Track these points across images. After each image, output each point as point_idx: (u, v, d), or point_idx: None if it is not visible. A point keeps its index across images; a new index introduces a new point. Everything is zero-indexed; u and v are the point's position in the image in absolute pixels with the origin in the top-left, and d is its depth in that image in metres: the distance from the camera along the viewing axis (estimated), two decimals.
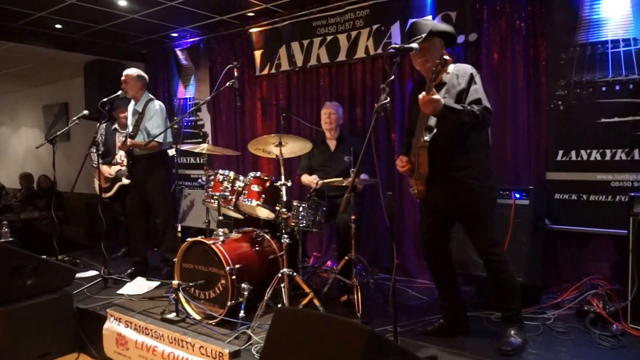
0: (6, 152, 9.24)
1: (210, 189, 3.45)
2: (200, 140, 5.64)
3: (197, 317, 3.10)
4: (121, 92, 4.03)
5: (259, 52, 5.03)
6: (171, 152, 4.10)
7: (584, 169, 3.27)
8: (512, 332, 2.57)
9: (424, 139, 2.51)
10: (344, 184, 3.46)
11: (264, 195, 3.27)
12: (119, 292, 3.75)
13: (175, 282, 3.08)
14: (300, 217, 3.32)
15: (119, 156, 4.26)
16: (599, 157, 3.22)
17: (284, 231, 3.12)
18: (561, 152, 3.36)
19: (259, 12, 4.81)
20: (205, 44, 5.52)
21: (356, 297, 3.13)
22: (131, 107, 4.21)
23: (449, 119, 2.42)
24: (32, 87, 8.13)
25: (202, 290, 3.16)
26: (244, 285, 2.99)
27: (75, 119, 4.16)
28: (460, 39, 3.76)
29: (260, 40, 4.99)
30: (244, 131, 5.31)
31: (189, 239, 3.23)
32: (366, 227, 4.29)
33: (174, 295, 3.10)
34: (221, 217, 3.47)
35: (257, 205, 3.27)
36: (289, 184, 3.21)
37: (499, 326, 2.90)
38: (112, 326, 3.22)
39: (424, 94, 2.34)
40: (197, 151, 3.60)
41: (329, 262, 4.39)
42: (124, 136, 4.14)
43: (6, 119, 9.21)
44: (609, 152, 3.18)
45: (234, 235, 3.39)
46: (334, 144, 4.00)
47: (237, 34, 5.21)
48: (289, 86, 4.92)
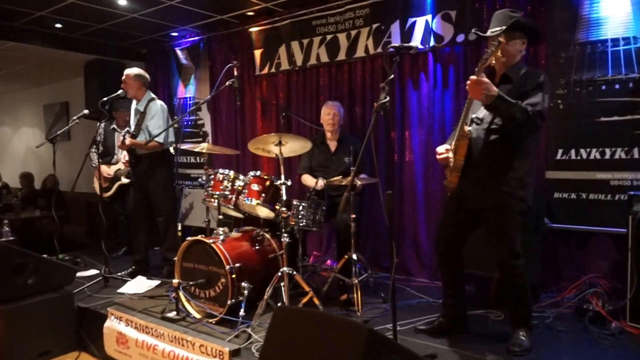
0: (7, 152, 9.23)
1: (210, 188, 3.45)
2: (200, 139, 5.64)
3: (198, 316, 3.11)
4: (121, 91, 4.04)
5: (258, 52, 5.03)
6: (170, 150, 4.12)
7: (584, 168, 3.27)
8: (521, 333, 2.55)
9: (467, 128, 2.43)
10: (343, 183, 3.46)
11: (264, 194, 3.27)
12: (120, 291, 3.76)
13: (175, 281, 3.09)
14: (300, 216, 3.33)
15: (123, 155, 4.26)
16: (598, 156, 3.22)
17: (283, 230, 3.12)
18: (561, 150, 3.36)
19: (258, 12, 4.81)
20: (205, 43, 5.52)
21: (356, 296, 3.14)
22: (134, 107, 4.23)
23: (501, 109, 2.32)
24: (33, 86, 8.12)
25: (202, 289, 3.17)
26: (244, 284, 3.00)
27: (75, 118, 4.17)
28: (460, 38, 3.78)
29: (260, 39, 4.99)
30: (243, 130, 5.31)
31: (189, 238, 3.23)
32: (366, 226, 4.30)
33: (174, 294, 3.11)
34: (221, 216, 3.46)
35: (257, 204, 3.27)
36: (289, 183, 3.21)
37: (498, 325, 2.91)
38: (113, 325, 3.23)
39: (473, 76, 2.27)
40: (197, 150, 3.60)
41: (328, 261, 4.39)
42: (123, 135, 4.14)
43: (7, 118, 9.21)
44: (608, 151, 3.18)
45: (234, 234, 3.40)
46: (334, 145, 3.99)
47: (237, 33, 5.21)
48: (288, 85, 4.92)
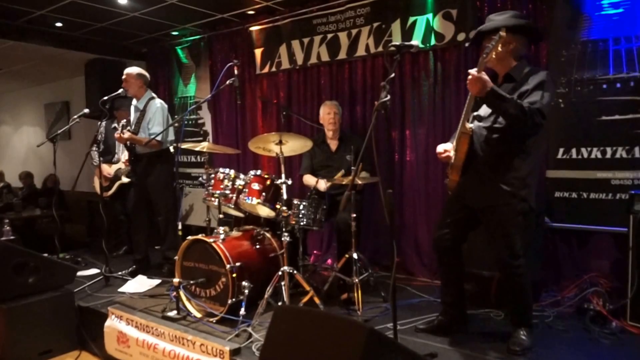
0: (7, 151, 9.24)
1: (210, 187, 3.45)
2: (200, 138, 5.64)
3: (198, 315, 3.11)
4: (122, 90, 4.04)
5: (259, 50, 5.03)
6: (170, 149, 4.12)
7: (585, 167, 3.26)
8: (521, 333, 2.55)
9: (468, 125, 2.42)
10: (344, 182, 3.46)
11: (264, 193, 3.27)
12: (120, 290, 3.76)
13: (176, 280, 3.08)
14: (300, 215, 3.32)
15: (124, 155, 4.27)
16: (599, 155, 3.21)
17: (284, 229, 3.12)
18: (561, 149, 3.35)
19: (259, 10, 4.80)
20: (205, 42, 5.51)
21: (356, 295, 3.14)
22: (133, 105, 4.23)
23: (494, 104, 2.32)
24: (33, 85, 8.12)
25: (202, 288, 3.17)
26: (244, 283, 3.00)
27: (76, 117, 4.17)
28: (461, 37, 3.76)
29: (260, 38, 4.99)
30: (244, 129, 5.31)
31: (190, 237, 3.23)
32: (366, 225, 4.28)
33: (174, 293, 3.11)
34: (222, 215, 3.47)
35: (258, 203, 3.27)
36: (290, 182, 3.20)
37: (497, 324, 2.91)
38: (113, 324, 3.23)
39: (473, 70, 2.26)
40: (197, 149, 3.61)
41: (329, 260, 4.39)
42: (121, 127, 4.13)
43: (7, 117, 9.21)
44: (609, 150, 3.17)
45: (235, 233, 3.40)
46: (335, 144, 3.99)
47: (238, 32, 5.20)
48: (289, 84, 4.91)
